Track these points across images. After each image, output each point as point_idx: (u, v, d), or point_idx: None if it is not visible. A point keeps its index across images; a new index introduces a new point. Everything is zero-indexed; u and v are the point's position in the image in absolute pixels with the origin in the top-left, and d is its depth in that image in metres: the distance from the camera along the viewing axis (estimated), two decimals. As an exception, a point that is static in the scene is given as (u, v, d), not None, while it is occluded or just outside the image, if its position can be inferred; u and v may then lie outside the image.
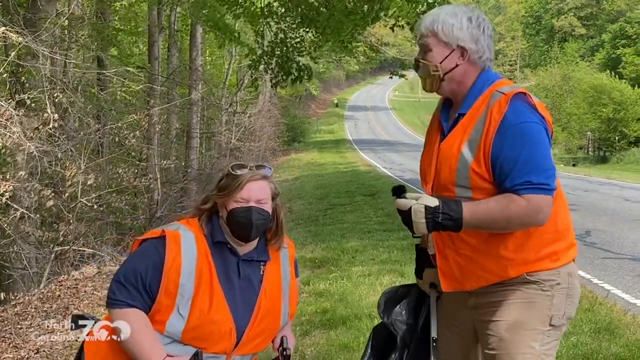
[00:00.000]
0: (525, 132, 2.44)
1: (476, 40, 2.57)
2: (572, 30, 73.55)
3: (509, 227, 2.50)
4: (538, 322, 2.60)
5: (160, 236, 2.38)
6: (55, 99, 9.81)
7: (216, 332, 2.37)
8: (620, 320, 6.01)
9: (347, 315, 6.15)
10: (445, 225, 2.44)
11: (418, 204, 2.44)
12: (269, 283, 2.55)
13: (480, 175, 2.48)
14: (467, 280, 2.63)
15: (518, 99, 2.48)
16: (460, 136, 2.54)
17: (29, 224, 9.25)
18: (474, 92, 2.60)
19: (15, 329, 6.94)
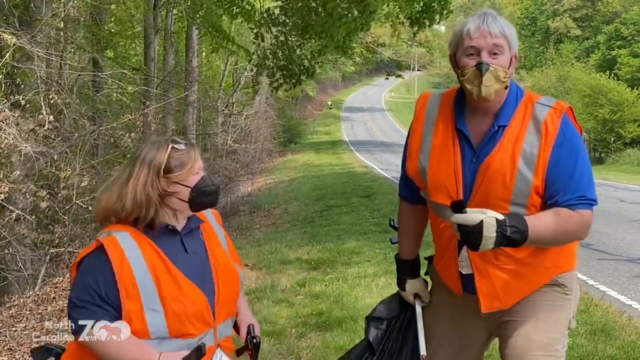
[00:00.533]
0: (578, 146, 2.46)
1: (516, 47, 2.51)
2: (568, 32, 73.57)
3: (562, 242, 2.51)
4: (561, 325, 2.63)
5: (96, 247, 2.29)
6: (51, 100, 9.79)
7: (196, 311, 2.34)
8: (615, 322, 6.01)
9: (343, 317, 6.14)
10: (513, 239, 2.32)
11: (489, 217, 2.29)
12: (212, 245, 2.52)
13: (538, 192, 2.44)
14: (510, 296, 2.59)
15: (568, 114, 2.49)
16: (511, 151, 2.45)
17: (24, 225, 9.23)
18: (510, 102, 2.51)
19: (10, 331, 6.93)
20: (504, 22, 2.46)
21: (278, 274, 8.43)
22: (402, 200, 2.94)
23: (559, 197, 2.41)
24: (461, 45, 2.47)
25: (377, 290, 7.16)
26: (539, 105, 2.48)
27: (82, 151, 10.68)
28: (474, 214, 2.30)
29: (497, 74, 2.41)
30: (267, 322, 6.21)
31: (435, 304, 2.87)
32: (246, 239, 12.63)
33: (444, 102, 2.66)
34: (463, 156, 2.54)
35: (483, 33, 2.42)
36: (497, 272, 2.54)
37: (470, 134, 2.54)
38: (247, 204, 20.58)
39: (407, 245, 2.96)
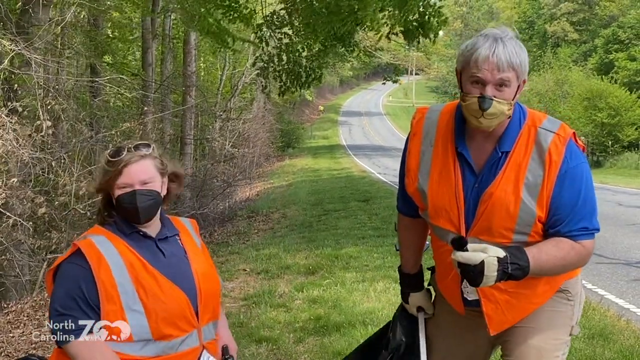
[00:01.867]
0: (582, 175, 2.42)
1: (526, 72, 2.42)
2: (565, 36, 73.67)
3: (562, 272, 2.51)
4: (563, 332, 2.63)
5: (72, 253, 2.28)
6: (48, 106, 9.78)
7: (178, 309, 2.34)
8: (614, 326, 6.02)
9: (341, 322, 6.14)
10: (515, 276, 2.30)
11: (491, 257, 2.24)
12: (192, 252, 2.53)
13: (541, 221, 2.42)
14: (517, 315, 2.59)
15: (573, 141, 2.44)
16: (514, 179, 2.41)
17: (21, 231, 9.20)
18: (513, 126, 2.45)
19: (7, 337, 6.91)
20: (514, 50, 2.35)
21: (276, 279, 8.42)
22: (400, 214, 2.90)
23: (561, 227, 2.40)
24: (467, 70, 2.39)
25: (375, 295, 7.16)
26: (542, 131, 2.42)
27: (80, 157, 10.67)
28: (476, 253, 2.25)
29: (501, 108, 2.35)
30: (265, 327, 6.21)
31: (438, 316, 2.85)
32: (244, 244, 12.62)
33: (442, 120, 2.59)
34: (464, 180, 2.49)
35: (491, 66, 2.31)
36: (505, 297, 2.54)
37: (472, 158, 2.49)
38: (245, 208, 20.58)
39: (409, 258, 2.93)
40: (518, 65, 2.34)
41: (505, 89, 2.34)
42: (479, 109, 2.33)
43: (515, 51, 2.35)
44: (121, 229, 2.40)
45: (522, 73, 2.37)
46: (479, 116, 2.35)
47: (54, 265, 2.31)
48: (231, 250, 11.55)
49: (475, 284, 2.28)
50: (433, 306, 2.87)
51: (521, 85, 2.40)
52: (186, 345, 2.37)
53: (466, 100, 2.38)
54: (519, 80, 2.38)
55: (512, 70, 2.33)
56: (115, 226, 2.41)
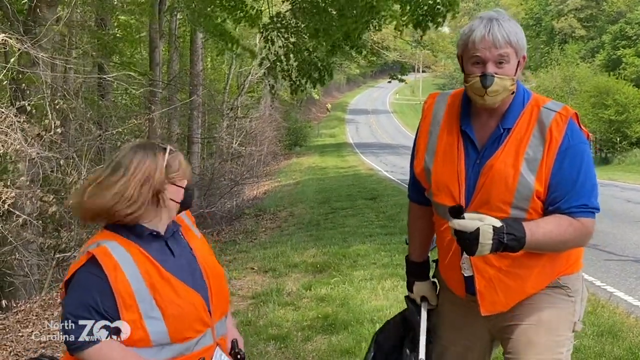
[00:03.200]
0: (583, 153, 2.45)
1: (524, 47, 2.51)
2: (572, 32, 73.44)
3: (561, 249, 2.51)
4: (565, 328, 2.62)
5: (87, 260, 2.26)
6: (56, 105, 9.81)
7: (194, 312, 2.34)
8: (623, 323, 6.00)
9: (349, 321, 6.14)
10: (510, 246, 2.32)
11: (486, 225, 2.28)
12: (195, 245, 2.54)
13: (539, 197, 2.44)
14: (510, 298, 2.59)
15: (573, 120, 2.47)
16: (514, 154, 2.46)
17: (30, 230, 9.24)
18: (516, 105, 2.52)
19: (16, 336, 6.93)
20: (510, 27, 2.44)
21: (284, 277, 8.43)
22: (411, 202, 2.97)
23: (560, 204, 2.42)
24: (466, 53, 2.49)
25: (383, 293, 7.16)
26: (545, 110, 2.47)
27: (88, 156, 10.69)
28: (472, 220, 2.29)
29: (504, 84, 2.44)
30: (273, 326, 6.22)
31: (441, 307, 2.87)
32: (252, 242, 12.64)
33: (450, 102, 2.67)
34: (467, 157, 2.55)
35: (488, 44, 2.41)
36: (498, 274, 2.54)
37: (475, 136, 2.55)
38: (252, 207, 20.59)
39: (416, 247, 2.98)
40: (515, 42, 2.44)
41: (505, 65, 2.44)
42: (482, 87, 2.43)
43: (510, 28, 2.45)
44: (135, 231, 2.37)
45: (520, 49, 2.47)
46: (483, 94, 2.44)
47: (69, 274, 2.28)
48: (239, 249, 11.58)
49: (470, 253, 2.32)
50: (437, 298, 2.89)
51: (521, 61, 2.50)
52: (201, 344, 2.38)
53: (469, 80, 2.48)
54: (517, 56, 2.47)
55: (509, 46, 2.43)
56: (125, 228, 2.37)
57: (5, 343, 6.76)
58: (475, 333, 2.76)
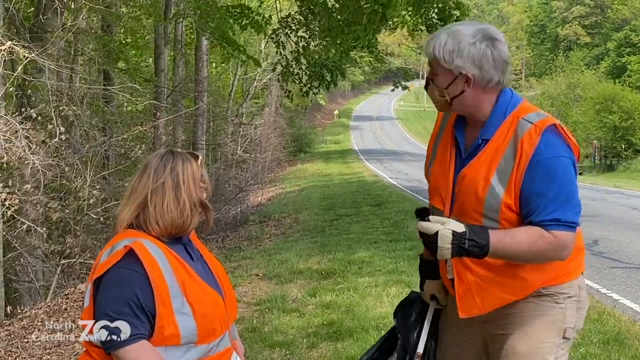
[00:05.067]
0: (556, 167, 2.41)
1: (480, 66, 2.46)
2: (577, 39, 73.54)
3: (531, 260, 2.49)
4: (553, 334, 2.59)
5: (125, 255, 2.24)
6: (62, 112, 9.84)
7: (218, 312, 2.37)
8: (628, 331, 5.98)
9: (354, 328, 6.12)
10: (471, 252, 2.38)
11: (446, 229, 2.35)
12: (204, 252, 2.56)
13: (510, 209, 2.45)
14: (487, 303, 2.59)
15: (549, 131, 2.44)
16: (487, 165, 2.48)
17: (35, 237, 9.26)
18: (496, 116, 2.53)
19: (21, 342, 6.94)
20: (442, 42, 2.47)
21: (288, 284, 8.42)
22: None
23: (533, 217, 2.42)
24: None
25: (388, 299, 7.14)
26: (522, 121, 2.47)
27: (93, 162, 10.72)
28: (433, 224, 2.38)
29: (432, 92, 2.58)
30: (278, 333, 6.20)
31: (447, 307, 2.89)
32: (256, 249, 12.63)
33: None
34: (456, 164, 2.62)
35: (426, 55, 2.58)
36: (475, 279, 2.56)
37: (463, 143, 2.62)
38: (257, 213, 20.60)
39: None
40: (441, 56, 2.47)
41: (435, 77, 2.54)
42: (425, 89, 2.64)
43: (442, 43, 2.48)
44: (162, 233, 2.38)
45: (448, 65, 2.48)
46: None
47: (103, 270, 2.25)
48: (243, 255, 11.57)
49: (433, 254, 2.40)
50: (446, 298, 2.90)
51: (459, 76, 2.48)
52: (222, 346, 2.40)
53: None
54: (452, 72, 2.48)
55: (435, 59, 2.50)
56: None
57: (11, 349, 6.77)
58: (472, 335, 2.76)
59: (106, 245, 2.37)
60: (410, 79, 18.29)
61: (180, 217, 2.35)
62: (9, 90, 9.74)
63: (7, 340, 7.10)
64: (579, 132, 44.50)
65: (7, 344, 6.95)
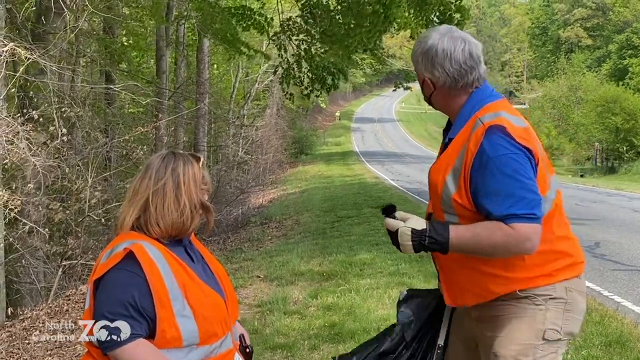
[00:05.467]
0: (503, 165, 2.43)
1: (432, 71, 2.60)
2: (579, 41, 73.54)
3: (495, 254, 2.51)
4: (530, 336, 2.59)
5: (124, 258, 2.25)
6: (63, 113, 9.85)
7: (220, 314, 2.38)
8: (631, 334, 5.96)
9: (356, 329, 6.11)
10: (431, 249, 2.50)
11: (405, 227, 2.50)
12: (205, 254, 2.57)
13: (462, 206, 2.51)
14: (465, 296, 2.67)
15: (494, 131, 2.46)
16: (446, 163, 2.59)
17: (37, 238, 9.26)
18: (462, 116, 2.62)
19: (23, 343, 6.94)
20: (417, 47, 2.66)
21: (290, 286, 8.41)
22: None
23: (491, 215, 2.45)
24: None
25: (390, 301, 7.13)
26: (477, 121, 2.53)
27: (95, 164, 10.72)
28: (395, 221, 2.54)
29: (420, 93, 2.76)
30: (279, 334, 6.20)
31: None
32: (257, 251, 12.63)
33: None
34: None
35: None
36: (455, 270, 2.65)
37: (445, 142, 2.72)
38: (258, 215, 20.59)
39: None
40: (415, 60, 2.68)
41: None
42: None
43: (417, 47, 2.67)
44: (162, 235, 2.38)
45: (419, 69, 2.67)
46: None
47: (102, 272, 2.26)
48: (245, 257, 11.56)
49: (398, 249, 2.54)
50: None
51: (425, 80, 2.66)
52: (224, 347, 2.40)
53: None
54: (419, 75, 2.70)
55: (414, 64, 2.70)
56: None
57: (12, 350, 6.77)
58: (468, 330, 2.79)
59: (107, 246, 2.38)
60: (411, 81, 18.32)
61: (180, 219, 2.35)
62: (11, 92, 9.73)
63: (9, 342, 7.10)
64: (581, 134, 44.50)
65: (8, 345, 6.96)
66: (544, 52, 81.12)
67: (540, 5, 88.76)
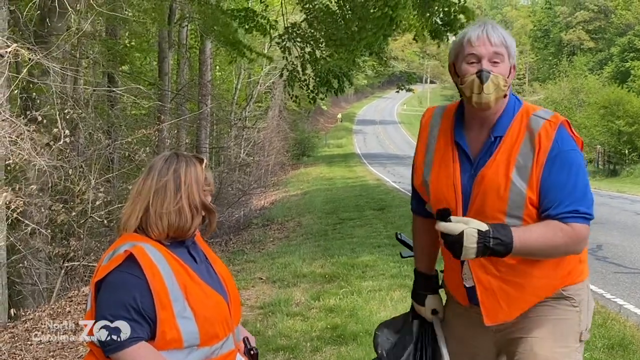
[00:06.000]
0: (573, 160, 2.45)
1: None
2: (581, 44, 73.48)
3: (552, 255, 2.49)
4: (571, 339, 2.60)
5: (125, 260, 2.25)
6: (66, 115, 9.86)
7: (221, 315, 2.37)
8: (633, 336, 5.96)
9: (358, 332, 6.11)
10: (496, 251, 2.34)
11: (471, 228, 2.31)
12: (209, 254, 2.57)
13: (533, 204, 2.45)
14: (513, 308, 2.57)
15: (563, 127, 2.48)
16: (505, 163, 2.47)
17: (39, 239, 9.26)
18: (507, 113, 2.54)
19: (25, 345, 6.94)
20: (504, 32, 2.50)
21: (292, 288, 8.41)
22: (414, 214, 2.95)
23: (551, 210, 2.42)
24: (462, 53, 2.51)
25: (392, 304, 7.14)
26: (534, 118, 2.49)
27: (97, 165, 10.73)
28: (456, 224, 2.33)
29: (498, 82, 2.44)
30: (282, 336, 6.20)
31: (447, 319, 2.86)
32: (259, 252, 12.63)
33: (445, 115, 2.71)
34: (462, 169, 2.57)
35: (484, 41, 2.46)
36: (499, 284, 2.54)
37: (468, 146, 2.58)
38: (260, 217, 20.59)
39: (424, 259, 2.95)
40: (509, 44, 2.50)
41: (499, 64, 2.46)
42: (480, 83, 2.44)
43: (504, 32, 2.52)
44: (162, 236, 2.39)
45: (511, 54, 2.51)
46: (480, 91, 2.45)
47: (103, 274, 2.26)
48: (247, 259, 11.57)
49: (456, 256, 2.34)
50: (444, 310, 2.89)
51: (512, 69, 2.52)
52: (225, 348, 2.40)
53: (464, 81, 2.49)
54: (510, 61, 2.50)
55: (503, 46, 2.48)
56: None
57: (15, 352, 6.77)
58: (481, 346, 2.73)
59: (109, 248, 2.39)
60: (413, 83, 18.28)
61: (178, 220, 2.35)
62: (14, 93, 9.74)
63: (11, 343, 7.11)
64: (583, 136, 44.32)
65: (10, 347, 6.96)
66: (546, 54, 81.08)
67: (542, 7, 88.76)
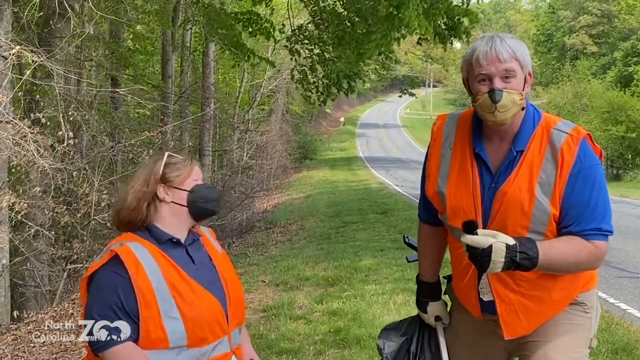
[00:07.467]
0: (596, 175, 2.42)
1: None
2: (584, 48, 73.46)
3: (573, 271, 2.48)
4: (582, 344, 2.61)
5: (110, 259, 2.28)
6: (70, 117, 9.86)
7: (212, 316, 2.36)
8: (637, 341, 5.96)
9: (361, 335, 6.10)
10: (522, 265, 2.30)
11: (499, 242, 2.26)
12: (215, 257, 2.56)
13: (555, 220, 2.42)
14: (532, 322, 2.57)
15: (586, 141, 2.44)
16: (528, 178, 2.43)
17: (42, 241, 9.26)
18: (527, 125, 2.49)
19: (28, 347, 6.93)
20: (513, 43, 2.43)
21: (295, 291, 8.41)
22: (421, 222, 2.93)
23: (572, 227, 2.40)
24: (472, 72, 2.47)
25: (395, 307, 7.13)
26: (556, 132, 2.45)
27: (101, 167, 10.73)
28: (485, 237, 2.27)
29: (512, 98, 2.39)
30: (285, 339, 6.19)
31: (454, 325, 2.84)
32: (262, 255, 12.62)
33: (461, 124, 2.65)
34: (482, 181, 2.52)
35: (493, 60, 2.39)
36: (519, 298, 2.52)
37: (489, 159, 2.52)
38: (262, 220, 20.59)
39: (428, 267, 2.93)
40: (520, 55, 2.42)
41: (511, 79, 2.40)
42: (492, 103, 2.39)
43: (513, 44, 2.43)
44: (155, 236, 2.41)
45: (524, 64, 2.44)
46: (493, 110, 2.40)
47: (90, 272, 2.30)
48: (250, 262, 11.56)
49: (482, 269, 2.29)
50: (449, 316, 2.87)
51: (528, 78, 2.46)
52: (218, 351, 2.39)
53: (477, 99, 2.44)
54: (523, 71, 2.44)
55: (514, 60, 2.40)
56: (148, 233, 2.42)
57: (17, 354, 6.76)
58: (492, 352, 2.73)
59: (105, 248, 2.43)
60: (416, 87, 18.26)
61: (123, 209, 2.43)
62: (17, 95, 9.74)
63: (14, 345, 7.10)
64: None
65: (13, 349, 6.95)
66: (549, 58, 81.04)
67: (546, 12, 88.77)
